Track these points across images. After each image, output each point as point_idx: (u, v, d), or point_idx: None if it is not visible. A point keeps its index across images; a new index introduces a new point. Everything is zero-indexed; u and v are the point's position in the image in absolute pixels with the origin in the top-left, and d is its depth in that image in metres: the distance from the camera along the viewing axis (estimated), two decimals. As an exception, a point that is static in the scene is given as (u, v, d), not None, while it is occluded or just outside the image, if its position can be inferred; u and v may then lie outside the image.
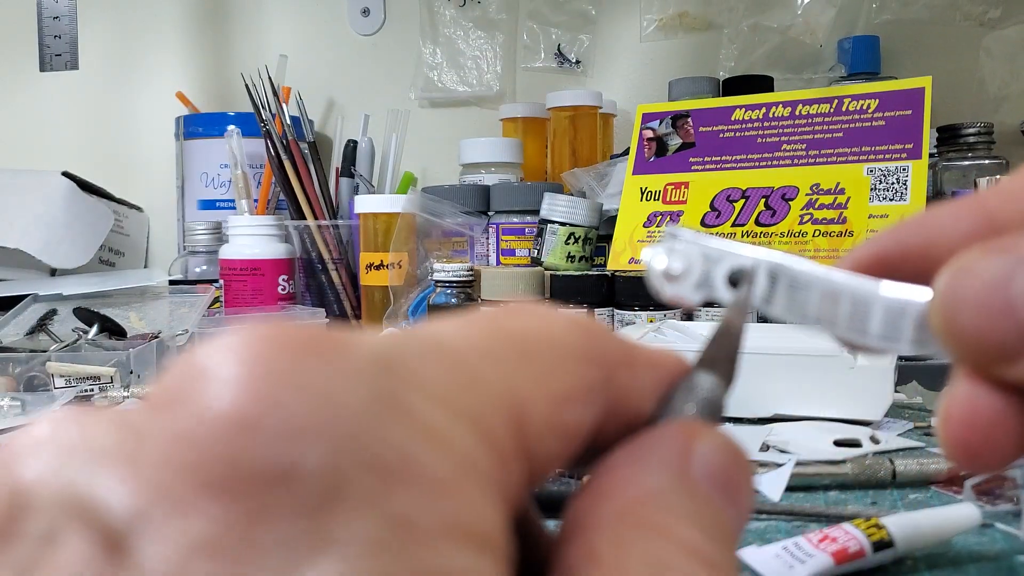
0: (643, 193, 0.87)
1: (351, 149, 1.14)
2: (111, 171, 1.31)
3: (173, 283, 1.05)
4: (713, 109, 0.86)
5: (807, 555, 0.34)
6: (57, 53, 1.37)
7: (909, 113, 0.77)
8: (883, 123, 0.77)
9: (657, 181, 0.86)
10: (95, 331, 0.79)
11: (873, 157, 0.77)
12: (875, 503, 0.43)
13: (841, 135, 0.79)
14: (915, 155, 0.75)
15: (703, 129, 0.86)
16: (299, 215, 1.06)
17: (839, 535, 0.34)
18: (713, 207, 0.82)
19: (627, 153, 0.91)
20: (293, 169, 1.05)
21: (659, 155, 0.87)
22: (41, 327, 0.83)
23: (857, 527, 0.35)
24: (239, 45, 1.32)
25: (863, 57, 1.06)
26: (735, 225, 0.80)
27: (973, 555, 0.36)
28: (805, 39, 1.13)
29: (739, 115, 0.84)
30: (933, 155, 0.95)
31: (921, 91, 0.77)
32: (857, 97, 0.79)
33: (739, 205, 0.81)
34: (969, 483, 0.41)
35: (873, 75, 1.05)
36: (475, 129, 1.21)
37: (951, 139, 0.94)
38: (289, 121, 1.07)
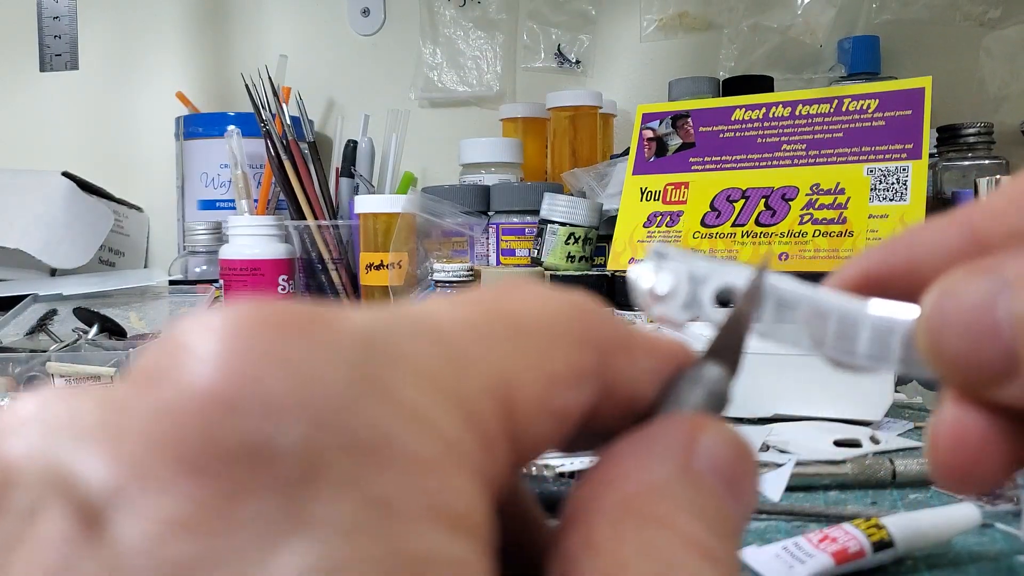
0: (643, 193, 0.87)
1: (351, 149, 1.14)
2: (111, 171, 1.31)
3: (173, 283, 1.05)
4: (713, 109, 0.86)
5: (807, 555, 0.34)
6: (57, 53, 1.37)
7: (909, 113, 0.76)
8: (883, 123, 0.77)
9: (657, 181, 0.86)
10: (95, 331, 0.79)
11: (873, 157, 0.77)
12: (875, 503, 0.43)
13: (841, 135, 0.79)
14: (915, 155, 0.75)
15: (703, 129, 0.86)
16: (299, 215, 1.06)
17: (839, 535, 0.34)
18: (713, 207, 0.82)
19: (627, 153, 0.91)
20: (293, 169, 1.05)
21: (659, 155, 0.87)
22: (41, 327, 0.83)
23: (857, 527, 0.35)
24: (239, 45, 1.32)
25: (863, 57, 1.06)
26: (735, 225, 0.80)
27: (973, 555, 0.36)
28: (805, 39, 1.13)
29: (739, 115, 0.84)
30: (933, 155, 0.95)
31: (921, 91, 0.77)
32: (857, 97, 0.79)
33: (739, 205, 0.81)
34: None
35: (873, 75, 1.05)
36: (475, 129, 1.21)
37: (951, 139, 0.94)
38: (289, 121, 1.07)
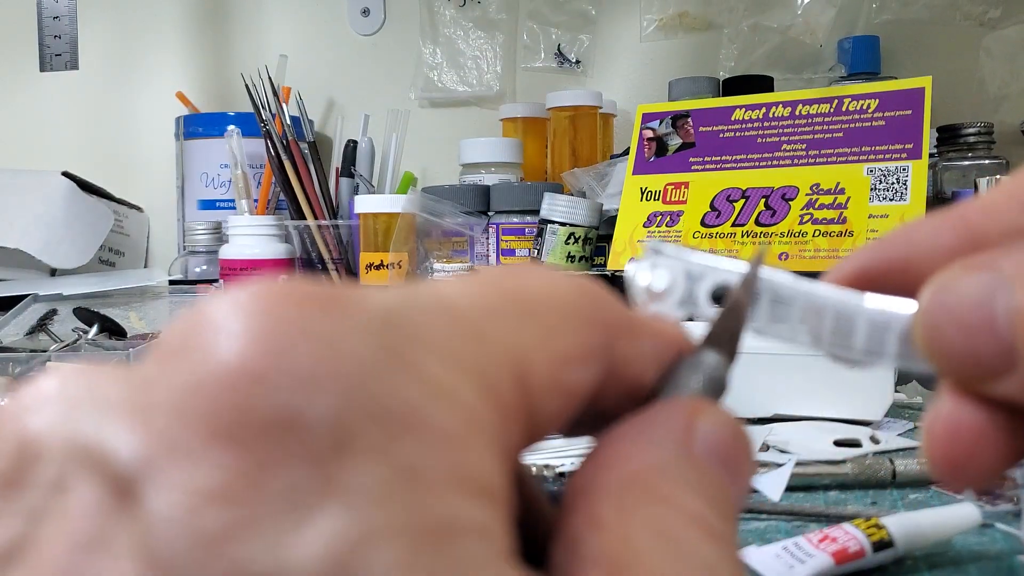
0: (643, 193, 0.87)
1: (351, 149, 1.14)
2: (111, 171, 1.31)
3: (173, 283, 1.05)
4: (713, 109, 0.86)
5: (807, 555, 0.34)
6: (57, 53, 1.37)
7: (909, 113, 0.76)
8: (883, 123, 0.77)
9: (657, 181, 0.86)
10: (95, 331, 0.79)
11: (873, 157, 0.77)
12: (875, 503, 0.43)
13: (841, 135, 0.79)
14: (915, 155, 0.75)
15: (703, 129, 0.86)
16: (299, 215, 1.06)
17: (839, 535, 0.34)
18: (713, 207, 0.82)
19: (627, 153, 0.91)
20: (293, 169, 1.05)
21: (659, 155, 0.87)
22: (41, 327, 0.83)
23: (857, 527, 0.35)
24: (239, 45, 1.32)
25: (863, 57, 1.06)
26: (735, 225, 0.80)
27: (973, 555, 0.36)
28: (805, 39, 1.13)
29: (739, 115, 0.84)
30: (933, 155, 0.95)
31: (921, 91, 0.77)
32: (857, 97, 0.79)
33: (739, 205, 0.81)
34: (969, 483, 0.41)
35: (873, 75, 1.05)
36: (475, 129, 1.21)
37: (951, 139, 0.94)
38: (289, 121, 1.07)
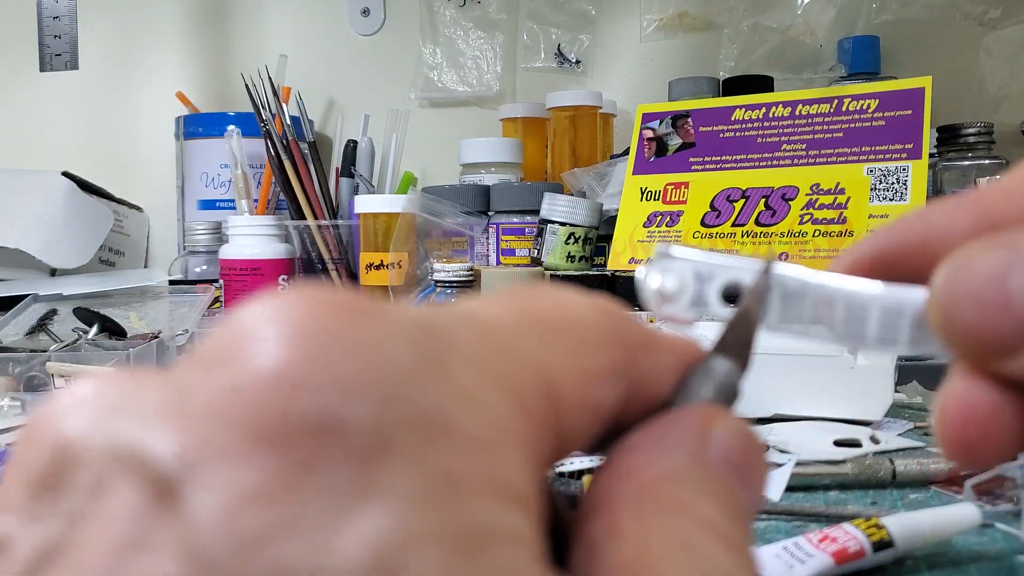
0: (643, 193, 0.87)
1: (351, 149, 1.14)
2: (111, 171, 1.31)
3: (173, 283, 1.05)
4: (713, 109, 0.86)
5: (807, 555, 0.34)
6: (57, 53, 1.37)
7: (909, 113, 0.77)
8: (883, 123, 0.77)
9: (657, 181, 0.86)
10: (95, 331, 0.79)
11: (873, 157, 0.77)
12: (875, 503, 0.43)
13: (841, 135, 0.79)
14: (915, 155, 0.75)
15: (703, 129, 0.86)
16: (299, 215, 1.06)
17: (839, 535, 0.34)
18: (713, 207, 0.82)
19: (627, 153, 0.91)
20: (293, 169, 1.05)
21: (659, 155, 0.87)
22: (41, 327, 0.83)
23: (857, 527, 0.35)
24: (239, 45, 1.32)
25: (863, 57, 1.06)
26: (735, 225, 0.80)
27: (973, 555, 0.36)
28: (805, 39, 1.13)
29: (739, 115, 0.84)
30: (933, 155, 0.94)
31: (921, 91, 0.77)
32: (857, 97, 0.79)
33: (739, 205, 0.81)
34: (969, 483, 0.41)
35: (873, 75, 1.05)
36: (475, 129, 1.21)
37: (951, 139, 0.94)
38: (289, 121, 1.07)
